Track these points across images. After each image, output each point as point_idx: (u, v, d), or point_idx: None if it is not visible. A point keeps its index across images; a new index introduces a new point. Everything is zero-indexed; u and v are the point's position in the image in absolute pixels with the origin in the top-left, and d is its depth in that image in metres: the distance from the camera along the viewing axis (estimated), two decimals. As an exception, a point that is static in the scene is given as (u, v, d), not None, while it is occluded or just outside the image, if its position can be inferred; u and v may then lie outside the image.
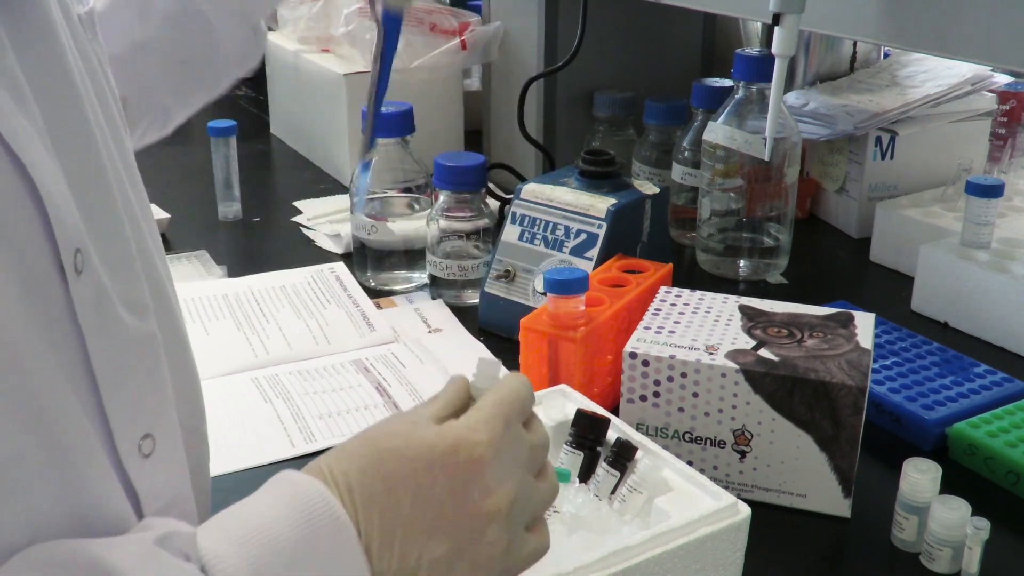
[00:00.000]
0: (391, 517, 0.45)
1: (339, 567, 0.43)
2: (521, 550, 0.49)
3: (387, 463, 0.46)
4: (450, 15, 1.42)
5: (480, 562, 0.47)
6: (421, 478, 0.46)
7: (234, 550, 0.42)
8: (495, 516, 0.47)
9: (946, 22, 0.74)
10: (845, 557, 0.74)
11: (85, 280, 0.42)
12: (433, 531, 0.46)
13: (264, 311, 1.06)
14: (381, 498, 0.45)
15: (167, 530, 0.42)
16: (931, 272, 1.05)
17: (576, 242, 0.98)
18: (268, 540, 0.42)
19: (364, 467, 0.45)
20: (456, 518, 0.46)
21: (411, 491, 0.45)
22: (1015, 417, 0.83)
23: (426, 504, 0.46)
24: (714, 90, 1.20)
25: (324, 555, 0.43)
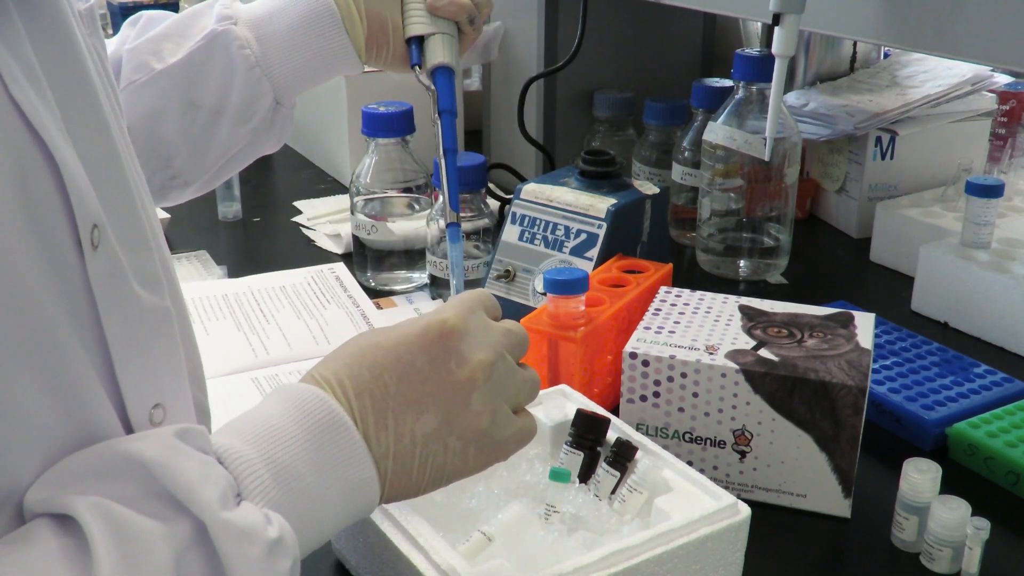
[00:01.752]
0: (381, 397, 0.50)
1: (342, 454, 0.48)
2: (507, 427, 0.54)
3: (369, 355, 0.51)
4: (450, 15, 1.41)
5: (468, 436, 0.52)
6: (402, 359, 0.51)
7: (246, 444, 0.46)
8: (475, 383, 0.52)
9: (946, 22, 0.74)
10: (845, 557, 0.74)
11: (101, 255, 0.44)
12: (421, 405, 0.51)
13: (264, 311, 1.06)
14: (369, 383, 0.50)
15: (183, 426, 0.45)
16: (931, 272, 1.05)
17: (576, 242, 0.98)
18: (276, 435, 0.47)
19: (350, 363, 0.51)
20: (439, 389, 0.51)
21: (395, 372, 0.51)
22: (1015, 417, 0.83)
23: (410, 380, 0.51)
24: (714, 90, 1.20)
25: (328, 444, 0.47)
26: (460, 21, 0.82)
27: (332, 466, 0.48)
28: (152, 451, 0.43)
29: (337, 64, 0.80)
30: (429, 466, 0.51)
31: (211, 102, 0.77)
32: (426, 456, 0.51)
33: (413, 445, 0.50)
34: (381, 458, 0.50)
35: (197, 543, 0.42)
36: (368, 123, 1.10)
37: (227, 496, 0.44)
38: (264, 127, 0.80)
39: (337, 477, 0.48)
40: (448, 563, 0.57)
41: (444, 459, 0.52)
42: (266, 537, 0.43)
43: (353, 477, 0.49)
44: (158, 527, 0.42)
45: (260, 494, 0.45)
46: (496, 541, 0.60)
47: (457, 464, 0.53)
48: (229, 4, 0.79)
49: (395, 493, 0.51)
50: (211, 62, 0.77)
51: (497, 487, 0.68)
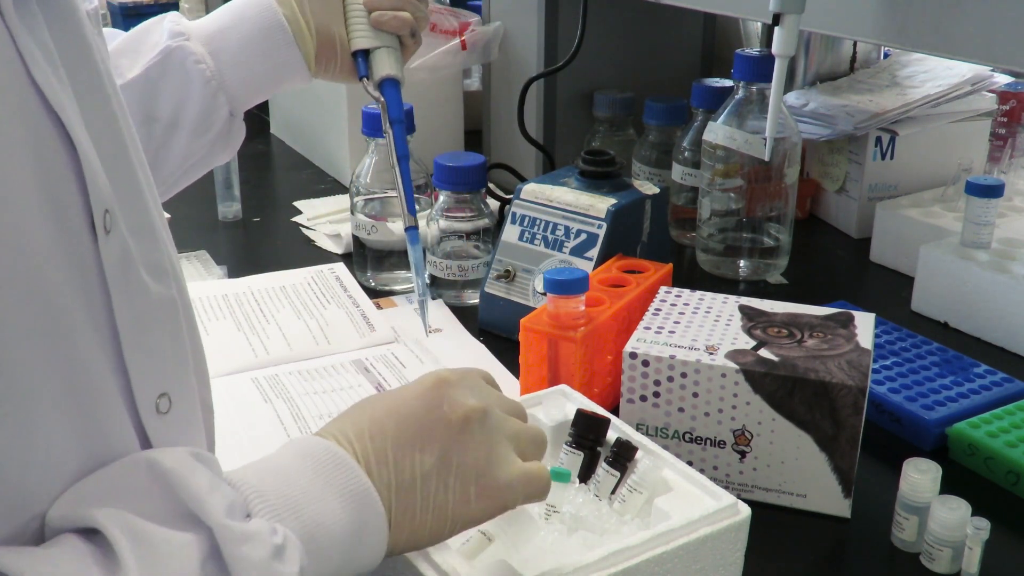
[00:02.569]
0: (380, 438, 0.52)
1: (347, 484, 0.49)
2: (508, 468, 0.54)
3: (368, 409, 0.54)
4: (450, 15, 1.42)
5: (468, 475, 0.53)
6: (399, 407, 0.54)
7: (255, 478, 0.48)
8: (468, 422, 0.54)
9: (946, 22, 0.74)
10: (845, 557, 0.74)
11: (113, 240, 0.45)
12: (418, 443, 0.52)
13: (264, 311, 1.06)
14: (370, 428, 0.52)
15: (197, 451, 0.47)
16: (931, 272, 1.05)
17: (576, 242, 0.98)
18: (280, 473, 0.49)
19: (351, 416, 0.54)
20: (435, 430, 0.53)
21: (393, 418, 0.53)
22: (1015, 417, 0.83)
23: (407, 423, 0.53)
24: (714, 90, 1.20)
25: (334, 478, 0.49)
26: (403, 35, 0.86)
27: (339, 498, 0.48)
28: (166, 462, 0.44)
29: (288, 77, 0.84)
30: (432, 505, 0.52)
31: (168, 116, 0.80)
32: (427, 494, 0.52)
33: (414, 481, 0.51)
34: (383, 491, 0.50)
35: (214, 554, 0.43)
36: (368, 123, 1.10)
37: (234, 509, 0.45)
38: (220, 138, 0.83)
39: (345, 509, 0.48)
40: (448, 563, 0.57)
41: (445, 498, 0.52)
42: (271, 542, 0.44)
43: (359, 510, 0.49)
44: (178, 537, 0.43)
45: (268, 513, 0.46)
46: (496, 541, 0.60)
47: (459, 506, 0.53)
48: (178, 21, 0.81)
49: (401, 534, 0.51)
50: (167, 77, 0.79)
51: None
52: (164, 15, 0.82)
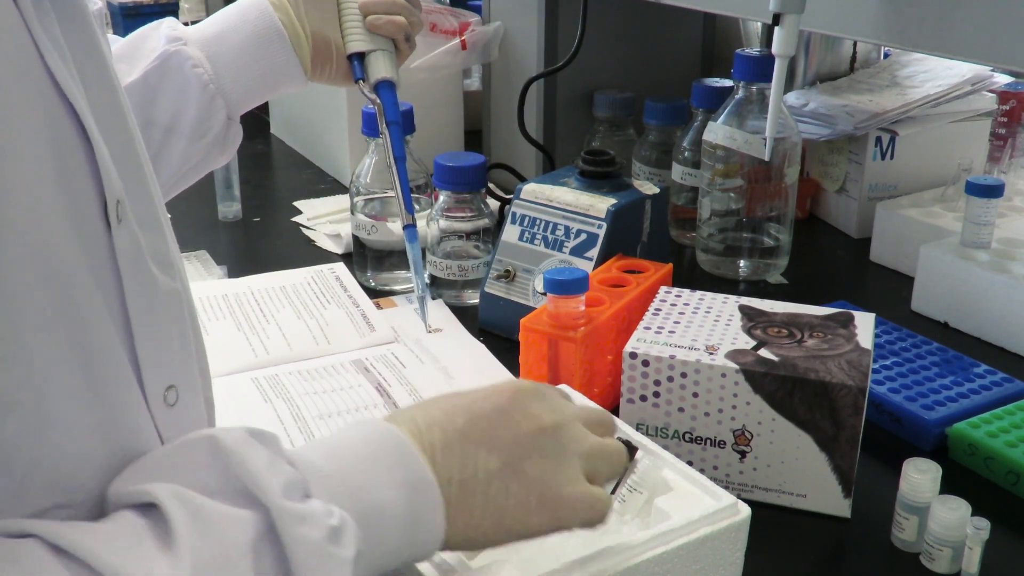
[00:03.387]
0: (450, 431, 0.51)
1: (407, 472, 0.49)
2: (573, 485, 0.53)
3: (442, 402, 0.54)
4: (450, 15, 1.42)
5: (530, 484, 0.52)
6: (473, 406, 0.53)
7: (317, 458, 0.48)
8: (536, 434, 0.53)
9: (946, 22, 0.74)
10: (845, 557, 0.74)
11: (124, 230, 0.45)
12: (487, 444, 0.52)
13: (264, 311, 1.06)
14: (440, 419, 0.52)
15: (255, 429, 0.46)
16: (931, 272, 1.05)
17: (576, 242, 0.98)
18: (345, 454, 0.48)
19: (423, 406, 0.53)
20: (504, 435, 0.52)
21: (465, 415, 0.52)
22: (1015, 417, 0.83)
23: (477, 421, 0.52)
24: (714, 90, 1.20)
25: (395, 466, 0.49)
26: (397, 38, 0.87)
27: (398, 484, 0.48)
28: (226, 439, 0.44)
29: (285, 81, 0.85)
30: (491, 507, 0.51)
31: (166, 120, 0.80)
32: (488, 494, 0.51)
33: (476, 479, 0.51)
34: (445, 483, 0.50)
35: (270, 532, 0.43)
36: (368, 123, 1.10)
37: (292, 488, 0.44)
38: (218, 142, 0.84)
39: (405, 496, 0.48)
40: (448, 563, 0.57)
41: (505, 502, 0.51)
42: (327, 523, 0.44)
43: (419, 500, 0.49)
44: (234, 513, 0.43)
45: (327, 496, 0.46)
46: (496, 541, 0.60)
47: (518, 514, 0.52)
48: (175, 26, 0.82)
49: (457, 530, 0.50)
50: (166, 82, 0.80)
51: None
52: (161, 20, 0.82)
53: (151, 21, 0.84)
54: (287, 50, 0.82)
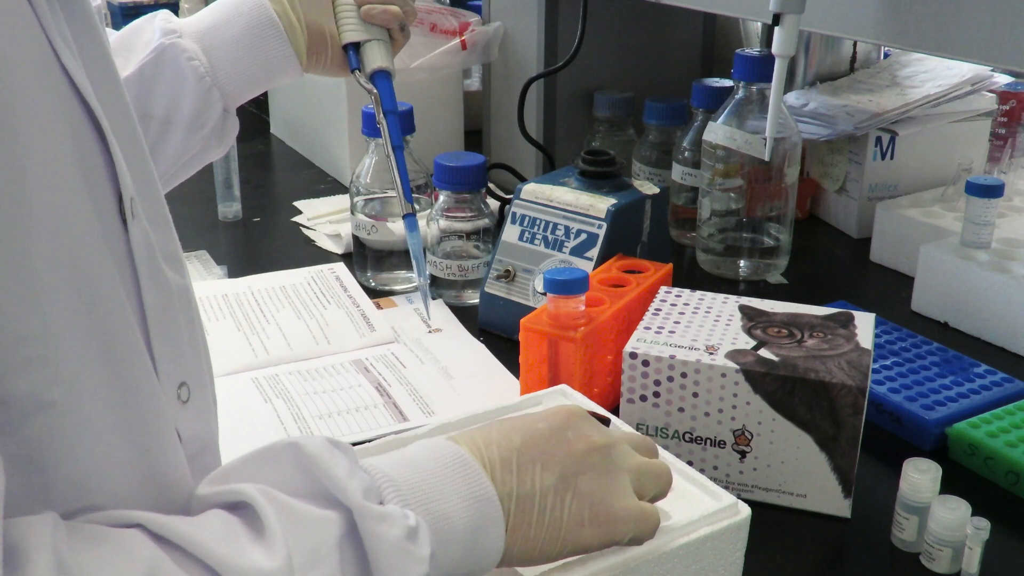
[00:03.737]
0: (508, 449, 0.53)
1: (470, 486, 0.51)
2: (625, 500, 0.55)
3: (497, 424, 0.56)
4: (450, 15, 1.42)
5: (584, 498, 0.54)
6: (527, 426, 0.56)
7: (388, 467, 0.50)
8: (588, 451, 0.55)
9: (946, 22, 0.74)
10: (845, 557, 0.74)
11: (137, 226, 0.46)
12: (542, 462, 0.54)
13: (264, 311, 1.06)
14: (498, 438, 0.54)
15: (334, 440, 0.49)
16: (931, 272, 1.05)
17: (576, 242, 0.98)
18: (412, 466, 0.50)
19: (481, 429, 0.55)
20: (558, 452, 0.55)
21: (520, 434, 0.55)
22: (1015, 417, 0.83)
23: (533, 440, 0.55)
24: (714, 90, 1.20)
25: (458, 479, 0.51)
26: (392, 28, 0.87)
27: (462, 496, 0.50)
28: (310, 446, 0.47)
29: (280, 72, 0.85)
30: (547, 520, 0.53)
31: (162, 113, 0.80)
32: (544, 508, 0.53)
33: (533, 492, 0.52)
34: (505, 497, 0.51)
35: (351, 532, 0.45)
36: (368, 123, 1.10)
37: (370, 493, 0.46)
38: (215, 134, 0.84)
39: (468, 508, 0.50)
40: (448, 563, 0.57)
41: (561, 515, 0.53)
42: (405, 523, 0.46)
43: (480, 511, 0.50)
44: (319, 513, 0.45)
45: (399, 501, 0.48)
46: (496, 541, 0.60)
47: (572, 527, 0.53)
48: (169, 19, 0.82)
49: (515, 542, 0.52)
50: (162, 75, 0.80)
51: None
52: (155, 13, 0.82)
53: None
54: (282, 41, 0.82)
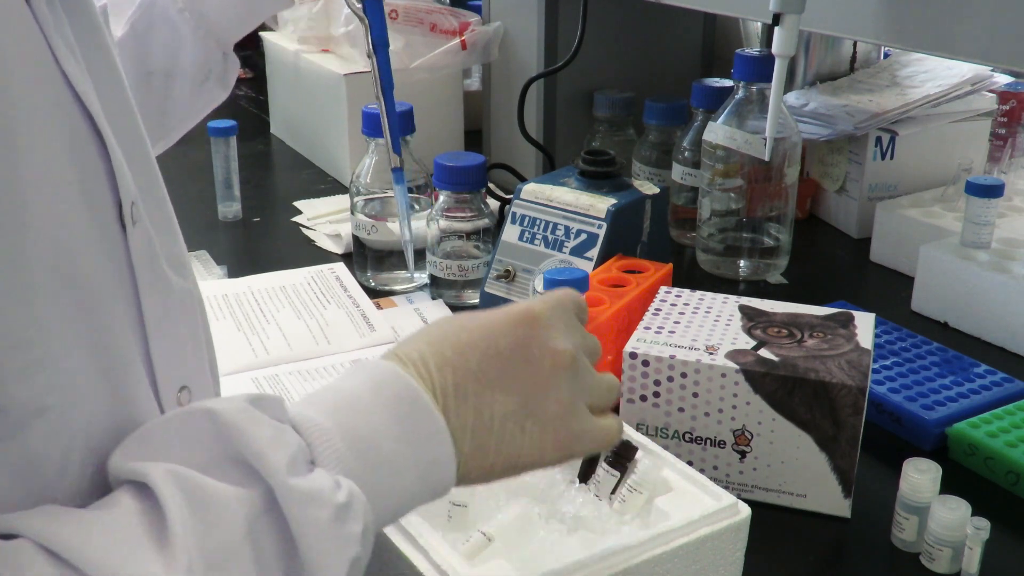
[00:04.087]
0: (463, 373, 0.49)
1: (419, 427, 0.47)
2: (585, 422, 0.53)
3: (452, 335, 0.51)
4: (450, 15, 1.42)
5: (546, 421, 0.51)
6: (487, 341, 0.51)
7: (322, 415, 0.46)
8: (556, 370, 0.51)
9: (946, 22, 0.74)
10: (845, 557, 0.74)
11: (139, 232, 0.45)
12: (502, 385, 0.50)
13: (264, 311, 1.06)
14: (452, 359, 0.49)
15: (257, 395, 0.45)
16: (931, 272, 1.05)
17: (576, 242, 0.98)
18: (352, 407, 0.46)
19: (433, 342, 0.50)
20: (521, 372, 0.51)
21: (478, 351, 0.50)
22: (1015, 417, 0.83)
23: (493, 360, 0.50)
24: (714, 90, 1.20)
25: (405, 417, 0.47)
26: None
27: (410, 437, 0.47)
28: (227, 412, 0.43)
29: (271, 3, 0.84)
30: (506, 447, 0.50)
31: (163, 66, 0.80)
32: (503, 436, 0.50)
33: (491, 422, 0.49)
34: (458, 432, 0.48)
35: (269, 509, 0.42)
36: (368, 123, 1.10)
37: (297, 461, 0.43)
38: (218, 80, 0.83)
39: (415, 448, 0.47)
40: (448, 563, 0.57)
41: (521, 442, 0.50)
42: (334, 501, 0.43)
43: (430, 450, 0.47)
44: (232, 492, 0.42)
45: (335, 461, 0.44)
46: (496, 541, 0.60)
47: (533, 451, 0.51)
48: None
49: (470, 472, 0.50)
50: (154, 29, 0.79)
51: (497, 487, 0.68)
52: None
53: None
54: None
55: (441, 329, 0.52)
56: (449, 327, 0.52)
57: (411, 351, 0.50)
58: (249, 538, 0.41)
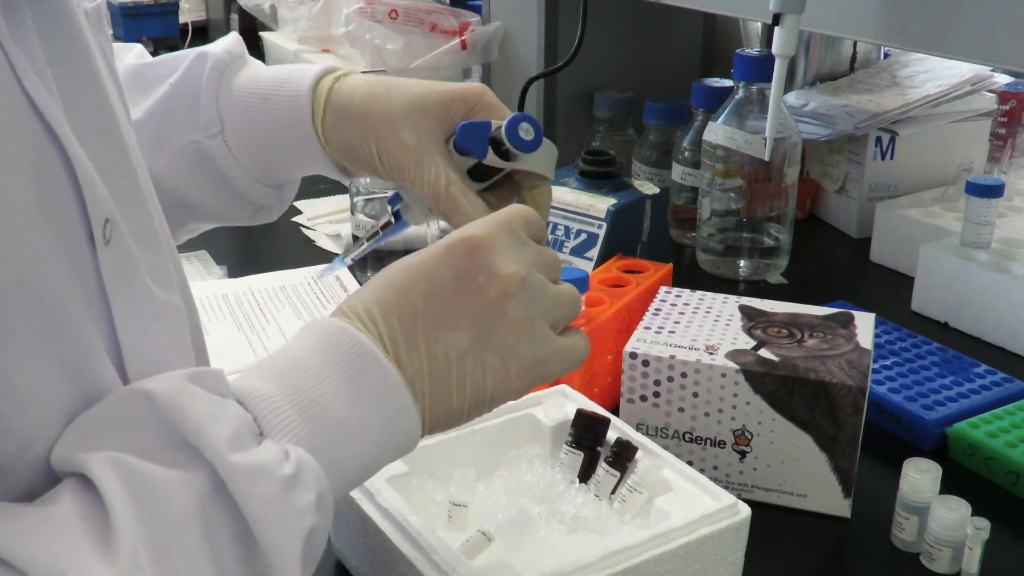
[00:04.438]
0: (410, 316, 0.48)
1: (372, 381, 0.46)
2: (548, 342, 0.51)
3: (396, 278, 0.50)
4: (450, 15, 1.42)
5: (506, 351, 0.49)
6: (429, 277, 0.49)
7: (268, 383, 0.45)
8: (506, 295, 0.49)
9: (946, 22, 0.74)
10: (845, 557, 0.74)
11: (113, 249, 0.44)
12: (452, 321, 0.48)
13: (264, 311, 1.06)
14: (397, 304, 0.48)
15: (196, 370, 0.44)
16: (931, 272, 1.05)
17: (576, 242, 0.98)
18: (300, 370, 0.45)
19: (377, 289, 0.50)
20: (469, 304, 0.49)
21: (422, 290, 0.49)
22: (1015, 417, 0.83)
23: (438, 296, 0.49)
24: (714, 90, 1.20)
25: (356, 374, 0.46)
26: None
27: (363, 395, 0.46)
28: (164, 393, 0.42)
29: None
30: (468, 386, 0.49)
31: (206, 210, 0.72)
32: (463, 375, 0.49)
33: (448, 363, 0.48)
34: (415, 379, 0.47)
35: (217, 490, 0.41)
36: (368, 123, 1.10)
37: (240, 436, 0.42)
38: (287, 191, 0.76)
39: (371, 405, 0.46)
40: (448, 563, 0.57)
41: (484, 377, 0.49)
42: (280, 474, 0.42)
43: (387, 404, 0.46)
44: (176, 476, 0.40)
45: (284, 431, 0.44)
46: (496, 541, 0.60)
47: (498, 383, 0.49)
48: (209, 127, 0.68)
49: (437, 418, 0.49)
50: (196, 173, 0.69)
51: (497, 487, 0.69)
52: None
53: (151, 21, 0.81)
54: None
55: (385, 275, 0.50)
56: (391, 271, 0.50)
57: (355, 304, 0.49)
58: (198, 522, 0.40)
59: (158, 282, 0.48)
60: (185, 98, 0.67)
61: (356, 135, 0.64)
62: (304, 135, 0.65)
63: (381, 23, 1.43)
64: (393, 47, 1.42)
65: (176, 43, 2.10)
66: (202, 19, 2.28)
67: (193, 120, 0.67)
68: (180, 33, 2.12)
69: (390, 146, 0.63)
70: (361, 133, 0.64)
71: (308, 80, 0.65)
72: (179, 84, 0.68)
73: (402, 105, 0.63)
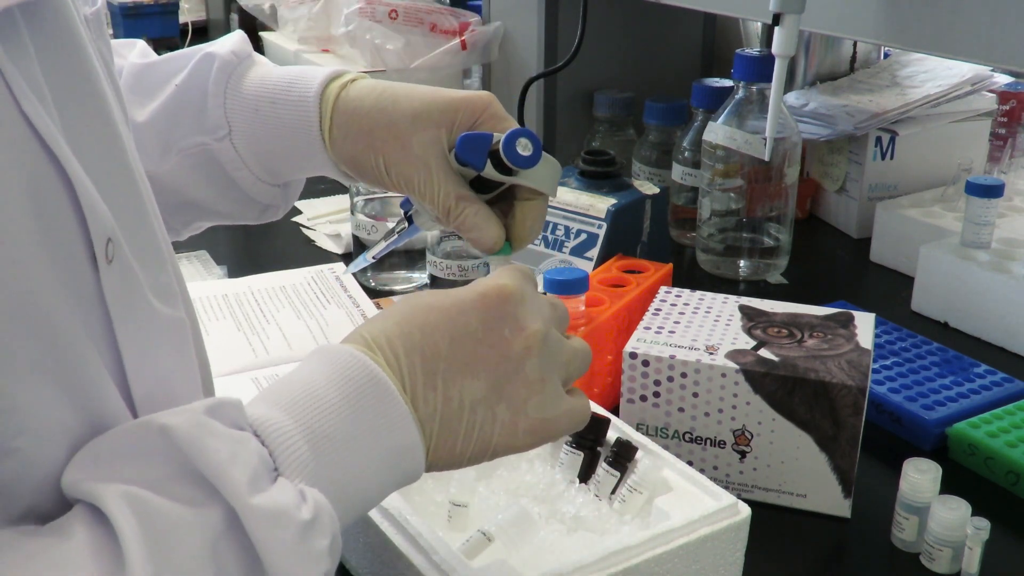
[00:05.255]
0: (431, 357, 0.48)
1: (384, 419, 0.46)
2: (558, 403, 0.52)
3: (421, 315, 0.49)
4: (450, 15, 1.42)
5: (518, 404, 0.50)
6: (455, 321, 0.49)
7: (284, 414, 0.45)
8: (528, 351, 0.50)
9: (946, 22, 0.74)
10: (845, 557, 0.74)
11: (116, 268, 0.44)
12: (472, 369, 0.49)
13: (264, 311, 1.06)
14: (420, 343, 0.48)
15: (214, 402, 0.44)
16: (931, 272, 1.05)
17: (576, 242, 0.98)
18: (315, 402, 0.45)
19: (400, 322, 0.49)
20: (491, 355, 0.49)
21: (447, 334, 0.49)
22: (1015, 417, 0.83)
23: (463, 342, 0.49)
24: (714, 90, 1.20)
25: (369, 410, 0.46)
26: None
27: (376, 434, 0.46)
28: (182, 427, 0.41)
29: None
30: (476, 434, 0.49)
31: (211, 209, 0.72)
32: (473, 423, 0.49)
33: (461, 410, 0.48)
34: (427, 420, 0.48)
35: (231, 529, 0.41)
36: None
37: (259, 475, 0.42)
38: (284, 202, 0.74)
39: (379, 444, 0.46)
40: (448, 563, 0.57)
41: (492, 429, 0.50)
42: (299, 519, 0.42)
43: (396, 443, 0.47)
44: (190, 514, 0.40)
45: (298, 468, 0.44)
46: (496, 541, 0.60)
47: (504, 437, 0.50)
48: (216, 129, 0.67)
49: (438, 460, 0.49)
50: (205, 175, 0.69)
51: (497, 487, 0.69)
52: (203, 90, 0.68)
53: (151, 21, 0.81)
54: None
55: (410, 307, 0.50)
56: (418, 305, 0.50)
57: (378, 335, 0.49)
58: (211, 560, 0.40)
59: (160, 297, 0.48)
60: (192, 100, 0.67)
61: (362, 147, 0.63)
62: (311, 141, 0.65)
63: (381, 23, 1.43)
64: (393, 47, 1.42)
65: (176, 43, 2.10)
66: (202, 19, 2.28)
67: (200, 122, 0.67)
68: (180, 33, 2.13)
69: (397, 160, 0.62)
70: (368, 145, 0.63)
71: (315, 86, 0.65)
72: (185, 85, 0.68)
73: (408, 116, 0.62)
